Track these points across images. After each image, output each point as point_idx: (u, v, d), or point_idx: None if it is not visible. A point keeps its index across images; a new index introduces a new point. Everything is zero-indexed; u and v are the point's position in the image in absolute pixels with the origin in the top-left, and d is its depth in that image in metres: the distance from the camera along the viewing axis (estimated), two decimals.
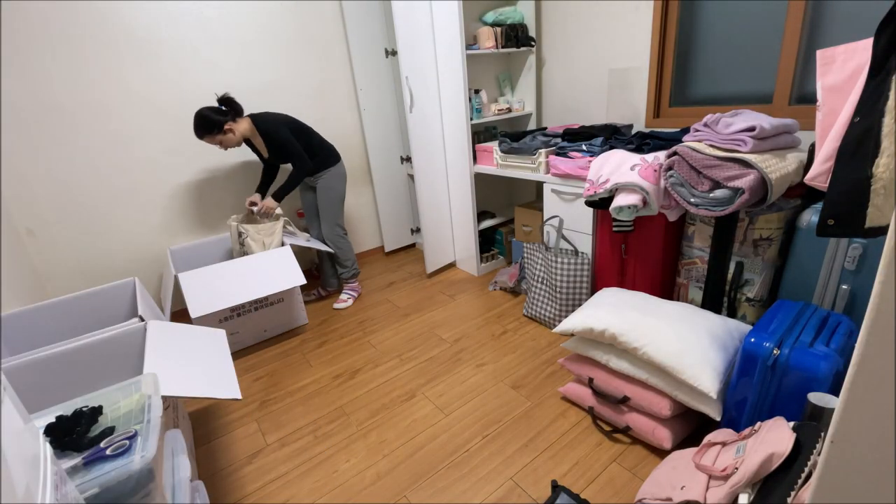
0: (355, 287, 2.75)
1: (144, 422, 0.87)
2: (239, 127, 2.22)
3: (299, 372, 2.06)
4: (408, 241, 3.49)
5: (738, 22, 1.95)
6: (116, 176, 2.33)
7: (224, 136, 2.19)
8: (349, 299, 2.69)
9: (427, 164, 2.67)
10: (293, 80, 2.73)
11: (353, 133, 3.05)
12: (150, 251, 2.51)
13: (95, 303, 1.70)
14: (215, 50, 2.45)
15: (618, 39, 2.33)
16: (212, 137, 2.18)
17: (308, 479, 1.48)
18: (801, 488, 0.92)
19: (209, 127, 2.14)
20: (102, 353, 1.34)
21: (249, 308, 2.26)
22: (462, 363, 1.99)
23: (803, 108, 1.80)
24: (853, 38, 0.96)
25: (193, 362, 1.31)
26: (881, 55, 0.77)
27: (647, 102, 2.30)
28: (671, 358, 1.30)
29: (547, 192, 2.21)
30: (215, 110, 2.17)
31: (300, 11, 2.65)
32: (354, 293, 2.73)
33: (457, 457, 1.50)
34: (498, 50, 2.53)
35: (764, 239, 1.56)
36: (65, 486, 0.60)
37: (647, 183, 1.63)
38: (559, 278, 2.08)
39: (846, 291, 1.38)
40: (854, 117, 0.81)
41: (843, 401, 0.51)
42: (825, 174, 0.99)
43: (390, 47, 2.96)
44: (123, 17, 2.17)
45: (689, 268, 1.83)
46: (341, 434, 1.66)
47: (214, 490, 1.48)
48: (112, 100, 2.23)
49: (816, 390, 1.11)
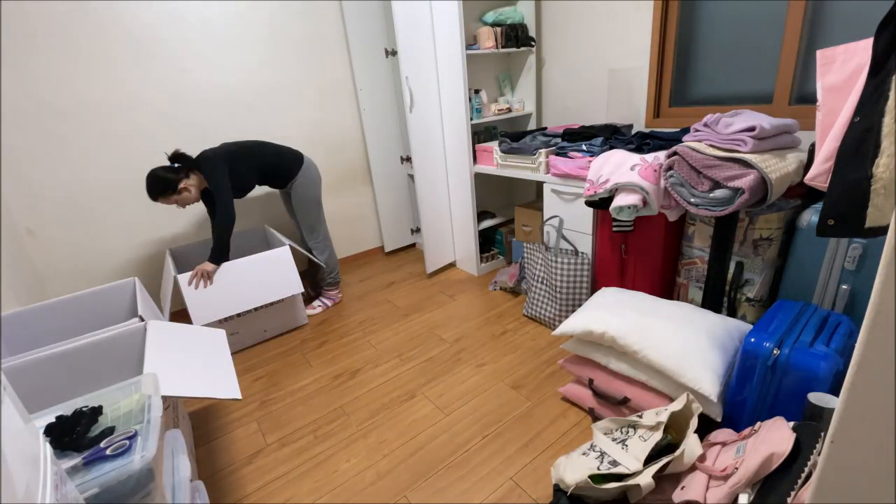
0: (333, 295, 2.68)
1: (144, 422, 0.87)
2: (192, 182, 2.10)
3: (299, 372, 2.06)
4: (408, 241, 3.49)
5: (738, 22, 1.95)
6: (116, 176, 2.33)
7: (179, 195, 2.07)
8: (320, 307, 2.62)
9: (427, 164, 2.67)
10: (293, 80, 2.73)
11: (353, 133, 3.05)
12: (150, 251, 2.51)
13: (95, 303, 1.70)
14: (216, 50, 2.45)
15: (618, 39, 2.33)
16: (166, 199, 2.06)
17: (308, 479, 1.48)
18: (801, 488, 0.92)
19: (163, 188, 2.02)
20: (102, 353, 1.34)
21: (250, 308, 2.26)
22: (462, 363, 1.99)
23: (803, 108, 1.80)
24: (853, 38, 0.96)
25: (193, 362, 1.31)
26: (881, 55, 0.76)
27: (647, 102, 2.30)
28: (671, 360, 1.30)
29: (547, 192, 2.21)
30: (168, 169, 2.05)
31: (300, 11, 2.65)
32: (329, 301, 2.66)
33: (457, 457, 1.50)
34: (498, 50, 2.53)
35: (764, 239, 1.56)
36: (65, 486, 0.60)
37: (647, 183, 1.63)
38: (559, 278, 2.08)
39: (846, 291, 1.38)
40: (854, 117, 0.81)
41: (843, 401, 0.51)
42: (825, 174, 0.99)
43: (390, 47, 2.96)
44: (123, 17, 2.17)
45: (689, 268, 1.83)
46: (341, 434, 1.66)
47: (214, 490, 1.48)
48: (112, 100, 2.23)
49: (816, 390, 1.11)
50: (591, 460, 1.21)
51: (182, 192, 2.08)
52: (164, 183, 2.03)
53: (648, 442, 1.16)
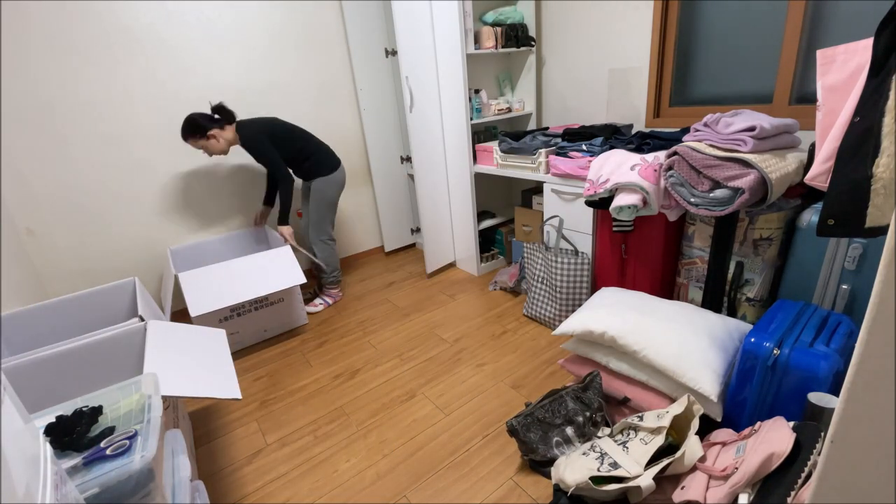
0: (334, 294, 2.71)
1: (144, 422, 0.87)
2: (225, 134, 2.21)
3: (299, 372, 2.06)
4: (408, 241, 3.49)
5: (738, 22, 1.95)
6: (116, 176, 2.33)
7: (207, 141, 2.18)
8: (321, 305, 2.65)
9: (427, 163, 2.67)
10: (293, 79, 2.73)
11: (353, 133, 3.05)
12: (150, 251, 2.51)
13: (95, 303, 1.70)
14: (215, 50, 2.45)
15: (618, 39, 2.33)
16: (195, 141, 2.17)
17: (308, 479, 1.48)
18: (801, 488, 0.92)
19: (193, 130, 2.15)
20: (102, 353, 1.34)
21: (249, 308, 2.26)
22: (462, 363, 1.99)
23: (803, 108, 1.80)
24: (853, 38, 0.96)
25: (193, 362, 1.31)
26: (881, 55, 0.76)
27: (647, 102, 2.30)
28: (671, 360, 1.30)
29: (547, 191, 2.21)
30: (205, 116, 2.18)
31: (300, 11, 2.65)
32: (330, 300, 2.70)
33: (457, 457, 1.50)
34: (498, 50, 2.53)
35: (764, 239, 1.56)
36: (65, 486, 0.60)
37: (647, 183, 1.62)
38: (559, 278, 2.08)
39: (846, 291, 1.38)
40: (854, 117, 0.81)
41: (843, 401, 0.51)
42: (825, 174, 0.99)
43: (390, 47, 2.96)
44: (123, 17, 2.17)
45: (689, 268, 1.83)
46: (341, 434, 1.66)
47: (214, 490, 1.48)
48: (112, 100, 2.23)
49: (816, 390, 1.11)
50: (592, 461, 1.21)
51: (210, 139, 2.18)
52: (195, 126, 2.14)
53: (650, 446, 1.16)
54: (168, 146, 2.43)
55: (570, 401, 1.42)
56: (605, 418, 1.43)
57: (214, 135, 2.18)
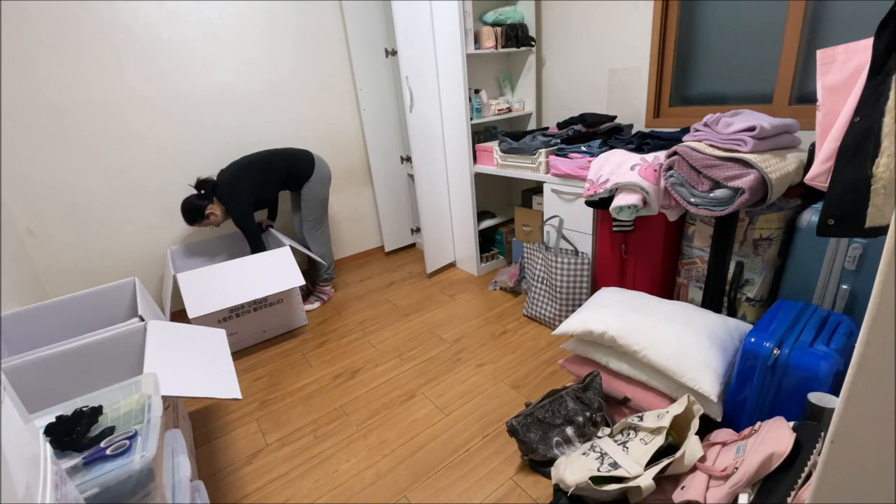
0: (327, 290, 2.75)
1: (144, 422, 0.87)
2: (217, 208, 2.30)
3: (299, 372, 2.06)
4: (408, 241, 3.49)
5: (738, 22, 1.95)
6: (116, 176, 2.33)
7: (207, 220, 2.29)
8: (317, 302, 2.70)
9: (427, 163, 2.67)
10: (293, 80, 2.73)
11: (353, 133, 3.05)
12: (150, 251, 2.51)
13: (95, 303, 1.70)
14: (215, 50, 2.45)
15: (618, 39, 2.33)
16: (200, 224, 2.29)
17: (308, 479, 1.48)
18: (801, 488, 0.92)
19: (194, 215, 2.25)
20: (102, 353, 1.34)
21: (248, 309, 2.26)
22: (462, 363, 1.99)
23: (803, 108, 1.80)
24: (853, 38, 0.96)
25: (193, 362, 1.31)
26: (881, 55, 0.76)
27: (647, 102, 2.30)
28: (671, 361, 1.30)
29: (547, 191, 2.21)
30: (195, 196, 2.26)
31: (300, 11, 2.65)
32: (325, 296, 2.74)
33: (457, 457, 1.50)
34: (498, 50, 2.53)
35: (764, 239, 1.56)
36: (65, 486, 0.60)
37: (647, 183, 1.62)
38: (559, 278, 2.08)
39: (846, 291, 1.38)
40: (854, 117, 0.81)
41: (843, 401, 0.51)
42: (825, 174, 0.99)
43: (390, 47, 2.96)
44: (123, 17, 2.17)
45: (689, 268, 1.83)
46: (341, 434, 1.66)
47: (214, 490, 1.48)
48: (112, 100, 2.23)
49: (816, 390, 1.11)
50: (592, 461, 1.21)
51: (210, 217, 2.29)
52: (195, 209, 2.25)
53: (650, 446, 1.16)
54: (168, 146, 2.43)
55: (570, 401, 1.42)
56: (605, 418, 1.43)
57: (211, 211, 2.28)
